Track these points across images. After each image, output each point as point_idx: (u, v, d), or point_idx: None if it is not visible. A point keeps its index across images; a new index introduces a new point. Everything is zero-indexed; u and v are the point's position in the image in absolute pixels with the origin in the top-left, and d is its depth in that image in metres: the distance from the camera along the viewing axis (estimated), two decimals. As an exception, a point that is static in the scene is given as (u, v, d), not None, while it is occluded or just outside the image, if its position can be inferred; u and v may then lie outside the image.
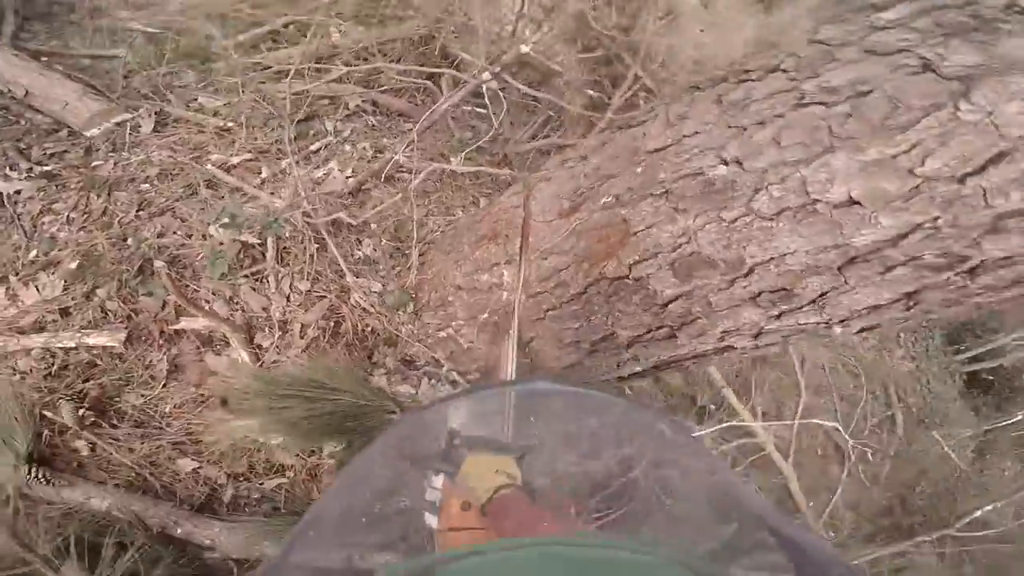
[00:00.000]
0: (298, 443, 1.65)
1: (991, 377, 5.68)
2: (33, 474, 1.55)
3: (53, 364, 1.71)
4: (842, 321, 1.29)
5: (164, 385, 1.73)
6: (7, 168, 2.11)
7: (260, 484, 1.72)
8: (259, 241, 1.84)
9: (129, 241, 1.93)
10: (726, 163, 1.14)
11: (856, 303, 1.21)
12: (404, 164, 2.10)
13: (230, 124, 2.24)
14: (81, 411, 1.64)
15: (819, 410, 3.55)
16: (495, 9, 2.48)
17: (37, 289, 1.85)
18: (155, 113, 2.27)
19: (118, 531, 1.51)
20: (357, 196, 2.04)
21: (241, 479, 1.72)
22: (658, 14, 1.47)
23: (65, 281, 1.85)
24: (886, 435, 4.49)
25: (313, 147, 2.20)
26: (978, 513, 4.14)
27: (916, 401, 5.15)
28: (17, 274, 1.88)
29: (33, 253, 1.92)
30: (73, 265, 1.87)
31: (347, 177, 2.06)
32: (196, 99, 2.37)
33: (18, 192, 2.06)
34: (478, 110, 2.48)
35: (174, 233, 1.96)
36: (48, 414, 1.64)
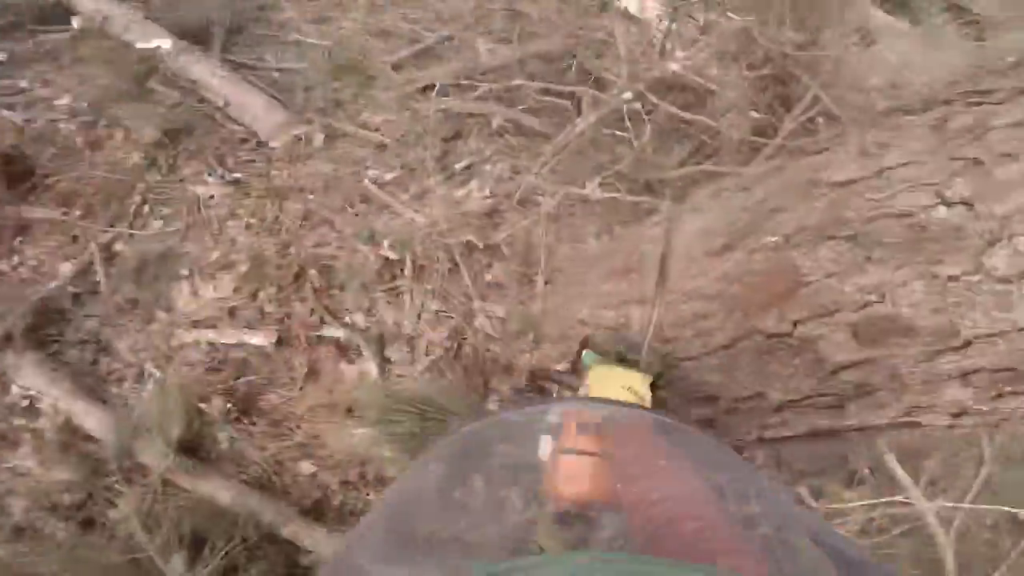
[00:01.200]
0: (404, 458, 1.58)
1: None
2: (178, 462, 1.59)
3: (215, 359, 1.80)
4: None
5: (301, 388, 1.76)
6: (206, 173, 2.29)
7: (367, 495, 1.68)
8: (398, 257, 1.82)
9: (291, 249, 2.01)
10: (948, 204, 0.84)
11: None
12: (539, 187, 1.97)
13: (387, 141, 2.26)
14: (228, 405, 1.71)
15: (1004, 485, 2.85)
16: (639, 26, 2.27)
17: (214, 288, 1.99)
18: (325, 127, 2.32)
19: (230, 525, 1.52)
20: (492, 218, 1.94)
21: (350, 487, 1.69)
22: (844, 30, 1.18)
23: (236, 282, 1.97)
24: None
25: (458, 166, 2.15)
26: None
27: None
28: (201, 272, 2.03)
29: (216, 254, 2.06)
30: (244, 268, 1.98)
31: (485, 198, 1.98)
32: (360, 115, 2.37)
33: (211, 196, 2.23)
34: (620, 133, 2.28)
35: (328, 244, 2.01)
36: (203, 406, 1.73)
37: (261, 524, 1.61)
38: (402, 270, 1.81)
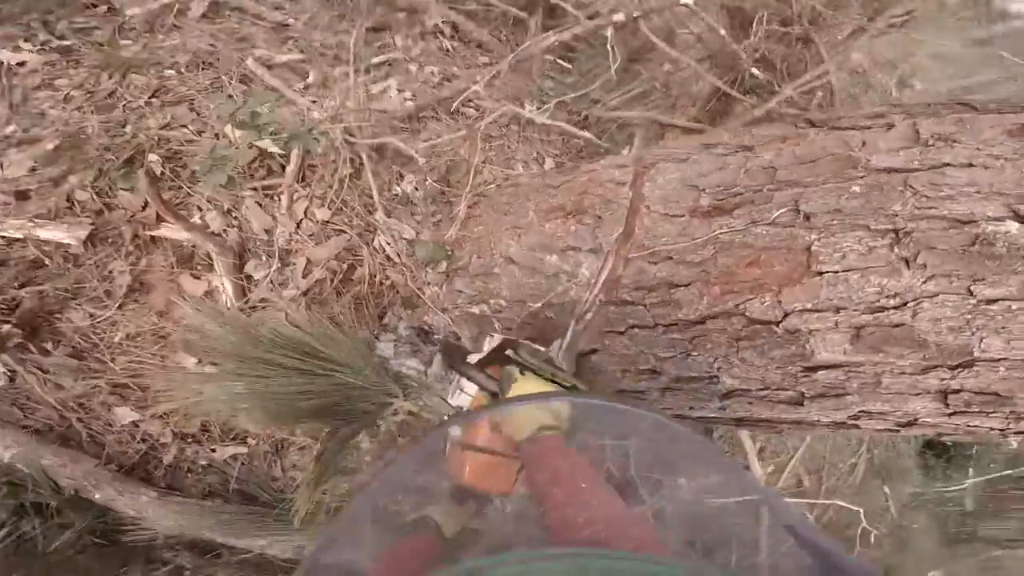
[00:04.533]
0: (271, 420, 1.20)
1: (950, 443, 5.68)
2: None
3: (-11, 258, 1.22)
4: (1025, 432, 0.87)
5: (120, 306, 1.26)
6: (22, 39, 1.61)
7: (212, 450, 1.28)
8: (282, 152, 1.35)
9: (127, 128, 1.43)
10: (1021, 219, 0.68)
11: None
12: (472, 100, 1.59)
13: (290, 20, 1.71)
14: (7, 326, 1.16)
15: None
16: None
17: (0, 166, 1.36)
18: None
19: (15, 488, 1.06)
20: (411, 123, 1.54)
21: (189, 440, 1.28)
22: (894, 11, 0.98)
23: (35, 162, 1.35)
24: (842, 480, 4.34)
25: (375, 60, 1.68)
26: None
27: (880, 454, 5.03)
28: (-15, 147, 1.38)
29: (11, 128, 1.43)
30: (51, 146, 1.37)
31: (406, 99, 1.55)
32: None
33: (21, 64, 1.57)
34: (561, 63, 1.96)
35: (184, 127, 1.46)
36: (-37, 328, 1.16)
37: (61, 488, 1.17)
38: (283, 167, 1.34)
